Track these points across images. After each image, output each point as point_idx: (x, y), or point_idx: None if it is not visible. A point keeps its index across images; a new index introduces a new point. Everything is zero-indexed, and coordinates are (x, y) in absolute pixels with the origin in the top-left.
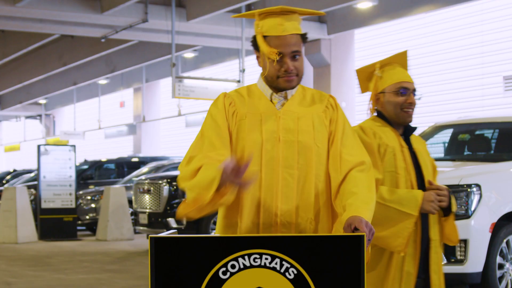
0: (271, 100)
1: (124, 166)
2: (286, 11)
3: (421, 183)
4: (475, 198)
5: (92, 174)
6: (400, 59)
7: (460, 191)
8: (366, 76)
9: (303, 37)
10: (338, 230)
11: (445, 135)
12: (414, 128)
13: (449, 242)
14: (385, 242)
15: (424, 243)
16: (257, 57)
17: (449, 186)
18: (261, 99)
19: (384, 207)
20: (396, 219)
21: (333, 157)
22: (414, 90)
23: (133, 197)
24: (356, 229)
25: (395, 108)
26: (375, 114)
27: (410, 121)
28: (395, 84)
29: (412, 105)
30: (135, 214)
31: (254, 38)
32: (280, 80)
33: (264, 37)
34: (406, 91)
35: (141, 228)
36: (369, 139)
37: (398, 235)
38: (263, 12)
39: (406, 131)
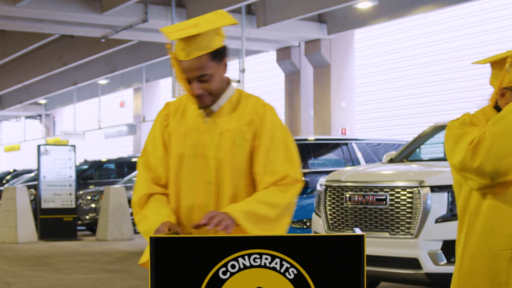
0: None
1: (124, 166)
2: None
3: None
4: None
5: (92, 174)
6: None
7: None
8: (499, 67)
9: (219, 51)
10: None
11: None
12: None
13: None
14: None
15: None
16: None
17: (450, 186)
18: (193, 111)
19: None
20: None
21: (258, 173)
22: None
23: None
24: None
25: None
26: (494, 107)
27: None
28: None
29: None
30: None
31: None
32: (195, 100)
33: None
34: None
35: None
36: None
37: None
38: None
39: None
